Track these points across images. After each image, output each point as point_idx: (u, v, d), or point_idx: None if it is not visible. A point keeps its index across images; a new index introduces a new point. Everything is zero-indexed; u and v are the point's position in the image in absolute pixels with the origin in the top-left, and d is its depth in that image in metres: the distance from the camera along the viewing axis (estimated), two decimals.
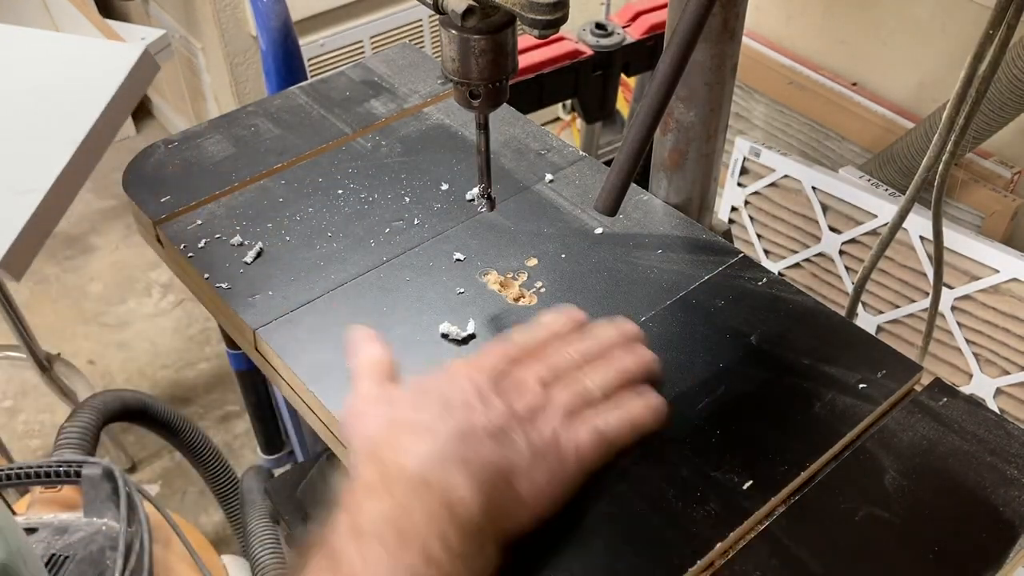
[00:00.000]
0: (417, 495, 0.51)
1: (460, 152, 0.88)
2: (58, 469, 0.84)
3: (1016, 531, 0.58)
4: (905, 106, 1.60)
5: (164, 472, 1.83)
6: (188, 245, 0.79)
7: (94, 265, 2.25)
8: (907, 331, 1.46)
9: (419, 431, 0.54)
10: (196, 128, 0.92)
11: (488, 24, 0.58)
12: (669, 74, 0.57)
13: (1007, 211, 1.47)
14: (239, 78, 1.93)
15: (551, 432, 0.56)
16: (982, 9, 1.40)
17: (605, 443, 0.58)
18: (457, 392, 0.56)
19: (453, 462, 0.52)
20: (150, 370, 2.01)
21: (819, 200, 1.51)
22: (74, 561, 0.78)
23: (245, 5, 1.81)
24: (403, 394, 0.58)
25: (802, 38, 1.73)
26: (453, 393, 0.56)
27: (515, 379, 0.58)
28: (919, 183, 0.91)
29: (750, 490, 0.60)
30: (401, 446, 0.53)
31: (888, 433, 0.64)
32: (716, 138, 0.82)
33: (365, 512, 0.51)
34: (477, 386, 0.56)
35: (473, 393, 0.56)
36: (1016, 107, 1.31)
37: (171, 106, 2.45)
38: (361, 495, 0.52)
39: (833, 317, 0.72)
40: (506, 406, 0.56)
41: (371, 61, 1.01)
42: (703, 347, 0.69)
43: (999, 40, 0.79)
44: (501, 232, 0.80)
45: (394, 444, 0.54)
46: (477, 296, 0.74)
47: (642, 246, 0.78)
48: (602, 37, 1.30)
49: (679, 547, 0.56)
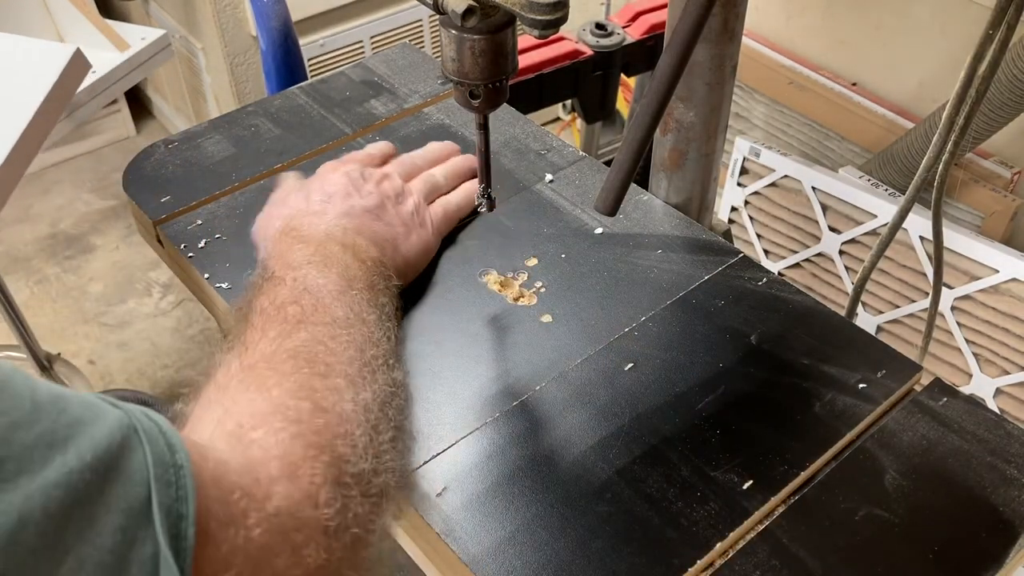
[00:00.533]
0: (329, 241, 0.65)
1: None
2: None
3: (1016, 531, 0.58)
4: (905, 106, 1.61)
5: None
6: (188, 245, 0.79)
7: (94, 265, 2.25)
8: (907, 331, 1.47)
9: (314, 214, 0.68)
10: (196, 128, 0.92)
11: (488, 24, 0.58)
12: (669, 74, 0.56)
13: (1007, 211, 1.47)
14: (239, 78, 1.93)
15: (413, 207, 0.74)
16: (982, 9, 1.40)
17: (452, 216, 0.78)
18: (336, 186, 0.71)
19: (348, 229, 0.67)
20: (150, 370, 2.01)
21: (819, 200, 1.51)
22: None
23: (245, 5, 1.81)
24: (293, 194, 0.72)
25: (802, 38, 1.73)
26: (333, 187, 0.71)
27: (379, 171, 0.75)
28: (919, 183, 0.91)
29: (750, 490, 0.60)
30: (303, 226, 0.67)
31: (888, 433, 0.64)
32: (716, 138, 0.82)
33: (291, 256, 0.64)
34: (350, 178, 0.72)
35: (349, 184, 0.71)
36: (1016, 107, 1.31)
37: (171, 106, 2.45)
38: (283, 251, 0.65)
39: (833, 317, 0.72)
40: (376, 189, 0.72)
41: (371, 61, 1.01)
42: (703, 347, 0.69)
43: (999, 40, 0.79)
44: (501, 232, 0.80)
45: (298, 227, 0.67)
46: (477, 296, 0.74)
47: (642, 246, 0.78)
48: (602, 37, 1.30)
49: (679, 547, 0.56)
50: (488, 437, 0.63)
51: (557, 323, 0.72)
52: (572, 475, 0.61)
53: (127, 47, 1.62)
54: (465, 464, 0.62)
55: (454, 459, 0.62)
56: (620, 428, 0.64)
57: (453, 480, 0.61)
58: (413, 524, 0.60)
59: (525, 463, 0.62)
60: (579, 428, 0.64)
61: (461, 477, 0.61)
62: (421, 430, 0.64)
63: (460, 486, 0.60)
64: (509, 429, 0.64)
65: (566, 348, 0.70)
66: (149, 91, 2.55)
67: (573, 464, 0.61)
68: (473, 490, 0.60)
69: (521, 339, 0.71)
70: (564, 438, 0.63)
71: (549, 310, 0.73)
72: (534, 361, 0.69)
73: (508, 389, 0.67)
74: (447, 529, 0.58)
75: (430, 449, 0.63)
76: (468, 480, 0.61)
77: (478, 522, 0.58)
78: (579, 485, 0.60)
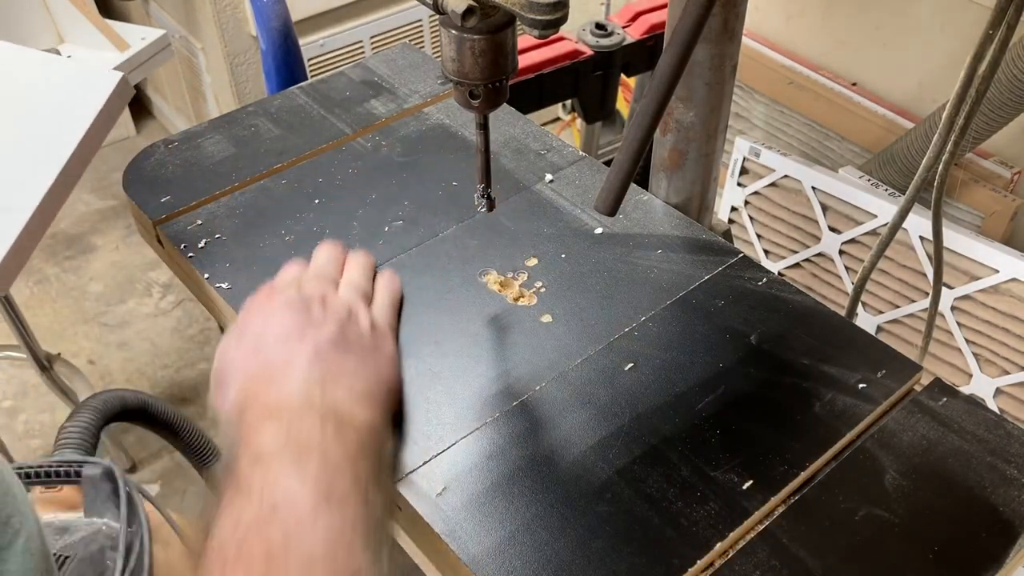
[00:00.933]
0: (303, 413, 0.56)
1: (460, 152, 0.88)
2: (58, 469, 0.84)
3: (1016, 531, 0.58)
4: (905, 106, 1.60)
5: (164, 472, 1.83)
6: (188, 245, 0.79)
7: (94, 265, 2.25)
8: (907, 331, 1.46)
9: (278, 369, 0.59)
10: (196, 128, 0.92)
11: (488, 24, 0.58)
12: (669, 74, 0.56)
13: (1007, 211, 1.47)
14: (239, 78, 1.93)
15: (368, 320, 0.66)
16: (982, 9, 1.40)
17: (395, 312, 0.71)
18: (286, 323, 0.62)
19: (326, 384, 0.58)
20: (150, 370, 2.01)
21: (819, 200, 1.51)
22: (74, 561, 0.78)
23: (245, 5, 1.81)
24: (241, 348, 0.62)
25: (802, 38, 1.73)
26: (282, 325, 0.62)
27: (313, 292, 0.66)
28: (919, 183, 0.91)
29: (750, 490, 0.60)
30: (274, 385, 0.58)
31: (888, 433, 0.64)
32: (716, 138, 0.82)
33: (259, 440, 0.54)
34: (294, 309, 0.63)
35: (296, 316, 0.62)
36: (1016, 107, 1.31)
37: (171, 106, 2.45)
38: (248, 432, 0.55)
39: (833, 317, 0.72)
40: (328, 314, 0.63)
41: (371, 61, 1.01)
42: (703, 347, 0.69)
43: (999, 40, 0.79)
44: (501, 232, 0.80)
45: (267, 387, 0.58)
46: (477, 296, 0.74)
47: (642, 246, 0.78)
48: (602, 37, 1.30)
49: (679, 547, 0.56)
50: (488, 437, 0.63)
51: (557, 323, 0.72)
52: (572, 475, 0.61)
53: (127, 47, 1.62)
54: (465, 464, 0.62)
55: (454, 459, 0.62)
56: (620, 428, 0.64)
57: (453, 480, 0.61)
58: (413, 524, 0.60)
59: (525, 463, 0.62)
60: (579, 428, 0.64)
61: (461, 477, 0.61)
62: (421, 430, 0.64)
63: (460, 486, 0.60)
64: (509, 429, 0.64)
65: (566, 348, 0.70)
66: (149, 91, 2.55)
67: (573, 464, 0.61)
68: (473, 490, 0.60)
69: (521, 339, 0.71)
70: (564, 438, 0.63)
71: (549, 310, 0.73)
72: (534, 361, 0.69)
73: (508, 389, 0.67)
74: (447, 529, 0.58)
75: (430, 449, 0.63)
76: (468, 480, 0.61)
77: (478, 522, 0.58)
78: (579, 485, 0.60)
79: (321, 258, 0.72)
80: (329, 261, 0.72)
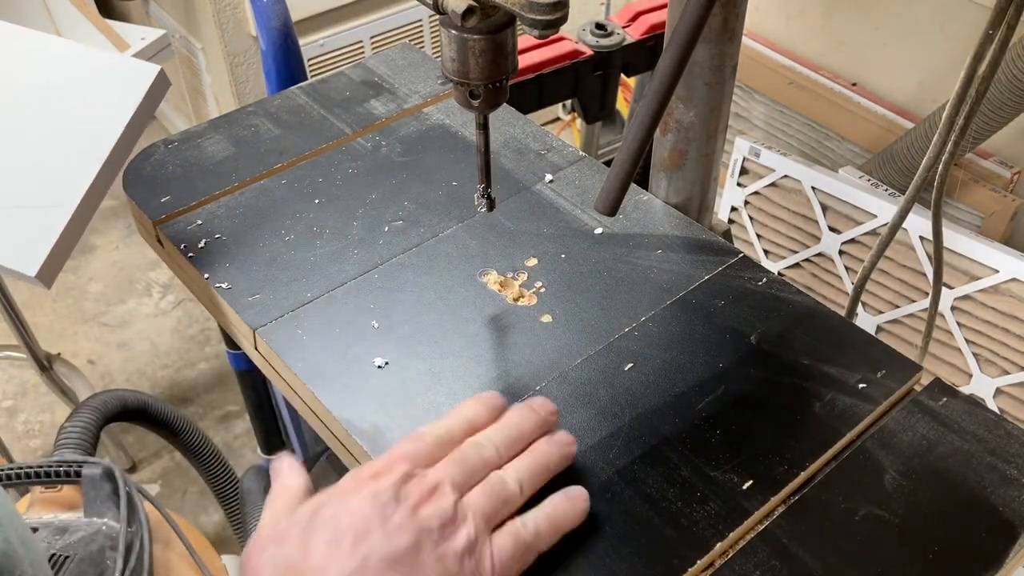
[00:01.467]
0: None
1: (460, 152, 0.88)
2: (58, 469, 0.84)
3: (1016, 531, 0.58)
4: (905, 106, 1.60)
5: (164, 472, 1.83)
6: (188, 245, 0.79)
7: (94, 265, 2.25)
8: (907, 331, 1.46)
9: (312, 570, 0.47)
10: (196, 128, 0.92)
11: (488, 24, 0.58)
12: (669, 74, 0.56)
13: (1007, 211, 1.47)
14: (239, 78, 1.93)
15: (466, 543, 0.50)
16: (982, 9, 1.40)
17: (528, 551, 0.52)
18: (352, 516, 0.49)
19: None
20: (150, 370, 2.01)
21: (819, 200, 1.51)
22: (74, 561, 0.78)
23: (245, 5, 1.81)
24: (295, 528, 0.50)
25: (802, 38, 1.73)
26: (347, 517, 0.49)
27: (425, 484, 0.51)
28: (919, 183, 0.91)
29: (750, 490, 0.60)
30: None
31: (888, 433, 0.64)
32: (716, 138, 0.82)
33: None
34: (378, 503, 0.49)
35: (372, 513, 0.49)
36: (1016, 107, 1.31)
37: (171, 106, 2.45)
38: None
39: (833, 317, 0.72)
40: (411, 521, 0.49)
41: (371, 61, 1.01)
42: (703, 347, 0.69)
43: (999, 40, 0.79)
44: (501, 232, 0.80)
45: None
46: (477, 296, 0.74)
47: (642, 246, 0.78)
48: (602, 37, 1.30)
49: (679, 547, 0.56)
50: None
51: (557, 323, 0.72)
52: (572, 475, 0.61)
53: (127, 47, 1.62)
54: None
55: None
56: (620, 428, 0.64)
57: None
58: None
59: None
60: (579, 428, 0.64)
61: None
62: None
63: None
64: None
65: (566, 348, 0.70)
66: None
67: (573, 464, 0.61)
68: None
69: (521, 339, 0.71)
70: None
71: (549, 310, 0.73)
72: (534, 361, 0.69)
73: (508, 389, 0.67)
74: None
75: None
76: None
77: None
78: (579, 485, 0.60)
79: (499, 432, 0.55)
80: (488, 443, 0.55)
